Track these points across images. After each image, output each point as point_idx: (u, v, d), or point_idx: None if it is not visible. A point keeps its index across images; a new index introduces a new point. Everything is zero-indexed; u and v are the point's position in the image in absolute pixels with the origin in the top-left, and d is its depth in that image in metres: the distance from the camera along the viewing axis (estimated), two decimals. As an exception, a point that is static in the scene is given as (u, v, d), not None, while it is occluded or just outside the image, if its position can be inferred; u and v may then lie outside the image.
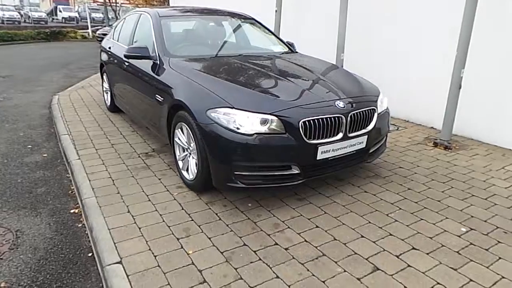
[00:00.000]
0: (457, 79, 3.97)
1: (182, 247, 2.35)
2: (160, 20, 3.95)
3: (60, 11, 37.50)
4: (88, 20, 26.97)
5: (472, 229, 2.62)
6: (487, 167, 3.67)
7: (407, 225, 2.64)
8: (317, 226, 2.61)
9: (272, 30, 5.16)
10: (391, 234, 2.53)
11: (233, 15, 4.74)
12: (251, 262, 2.23)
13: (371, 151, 3.18)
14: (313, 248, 2.37)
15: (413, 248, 2.38)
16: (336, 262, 2.23)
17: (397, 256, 2.30)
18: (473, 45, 3.87)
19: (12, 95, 7.20)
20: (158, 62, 3.56)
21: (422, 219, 2.73)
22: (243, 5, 6.78)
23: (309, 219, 2.71)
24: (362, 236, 2.51)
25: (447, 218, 2.75)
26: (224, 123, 2.63)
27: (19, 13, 34.44)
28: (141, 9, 4.99)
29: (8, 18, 30.96)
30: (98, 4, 33.87)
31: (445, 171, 3.57)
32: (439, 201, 3.00)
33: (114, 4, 28.07)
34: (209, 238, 2.45)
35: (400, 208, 2.87)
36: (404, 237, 2.50)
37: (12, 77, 9.30)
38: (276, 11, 6.46)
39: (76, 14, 37.10)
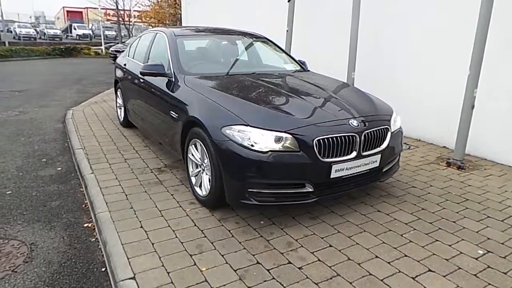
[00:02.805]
0: (470, 98, 3.97)
1: (195, 264, 2.35)
2: (175, 39, 4.05)
3: (75, 29, 38.68)
4: (102, 37, 27.70)
5: (489, 251, 2.57)
6: (502, 188, 3.63)
7: (422, 246, 2.60)
8: (330, 245, 2.59)
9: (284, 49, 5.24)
10: (406, 255, 2.49)
11: (245, 34, 4.84)
12: (265, 281, 2.21)
13: (384, 170, 3.17)
14: (327, 267, 2.35)
15: (429, 270, 2.34)
16: (351, 283, 2.20)
17: (413, 278, 2.26)
18: (486, 63, 3.88)
19: (28, 109, 7.36)
20: (173, 79, 3.64)
21: (437, 240, 2.69)
22: (254, 25, 6.93)
23: (322, 238, 2.68)
24: (377, 257, 2.47)
25: (463, 239, 2.71)
26: (239, 140, 2.65)
27: (35, 30, 35.54)
28: (157, 28, 5.13)
29: (24, 34, 31.97)
30: (111, 22, 34.80)
31: (459, 192, 3.53)
32: (454, 222, 2.96)
33: (127, 23, 28.80)
34: (222, 255, 2.44)
35: (415, 229, 2.84)
36: (420, 259, 2.46)
37: (28, 91, 9.53)
38: (287, 30, 6.57)
39: (90, 32, 38.21)
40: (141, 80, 4.33)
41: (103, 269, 2.48)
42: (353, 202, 3.24)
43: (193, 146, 3.16)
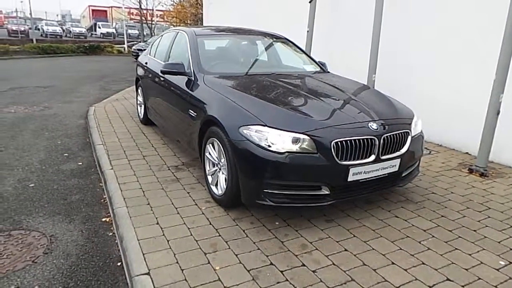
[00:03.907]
0: (495, 104, 3.84)
1: (209, 262, 2.36)
2: (196, 39, 4.09)
3: (99, 27, 39.51)
4: (125, 36, 28.25)
5: (511, 262, 2.48)
6: (527, 198, 3.50)
7: (440, 254, 2.54)
8: (345, 250, 2.56)
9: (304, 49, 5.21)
10: (423, 263, 2.44)
11: (265, 34, 4.84)
12: (278, 283, 2.19)
13: (403, 174, 3.11)
14: (341, 272, 2.31)
15: (448, 279, 2.28)
16: (365, 288, 2.17)
17: (430, 287, 2.20)
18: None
19: (52, 105, 7.58)
20: (193, 78, 3.67)
21: (457, 249, 2.61)
22: (275, 25, 6.93)
23: (337, 241, 2.65)
24: (393, 263, 2.42)
25: (484, 249, 2.62)
26: (256, 140, 2.65)
27: (61, 28, 36.55)
28: (178, 28, 5.19)
29: (51, 32, 32.89)
30: (134, 22, 35.44)
31: (481, 199, 3.42)
32: (475, 230, 2.87)
33: (150, 22, 29.28)
34: (236, 255, 2.45)
35: (433, 236, 2.77)
36: (438, 267, 2.40)
37: (53, 87, 9.81)
38: (308, 31, 6.53)
39: (114, 30, 38.94)
40: (161, 79, 4.39)
41: (119, 264, 2.52)
42: (370, 207, 3.18)
43: (210, 145, 3.18)
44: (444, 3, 4.77)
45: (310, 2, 6.46)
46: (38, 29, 35.23)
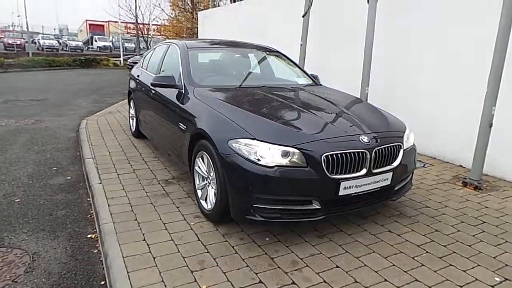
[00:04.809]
0: (487, 117, 3.83)
1: (195, 281, 2.27)
2: (187, 51, 4.07)
3: (96, 41, 39.70)
4: (121, 49, 28.40)
5: (507, 279, 2.42)
6: (522, 211, 3.45)
7: (434, 271, 2.47)
8: (337, 266, 2.48)
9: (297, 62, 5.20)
10: (417, 280, 2.37)
11: (258, 47, 4.84)
12: (267, 302, 2.12)
13: (396, 188, 3.05)
14: (332, 290, 2.24)
15: (442, 297, 2.21)
16: (357, 308, 2.09)
17: (424, 305, 2.13)
18: (506, 79, 3.75)
19: (44, 118, 7.51)
20: (183, 91, 3.63)
21: (451, 265, 2.54)
22: (268, 38, 6.95)
23: (329, 257, 2.58)
24: (386, 280, 2.35)
25: (478, 265, 2.56)
26: (245, 154, 2.60)
27: (58, 41, 36.66)
28: (170, 40, 5.19)
29: (47, 46, 33.01)
30: (130, 35, 35.66)
31: (475, 213, 3.37)
32: (469, 245, 2.81)
33: (146, 35, 29.48)
34: (224, 273, 2.36)
35: (427, 251, 2.70)
36: (432, 284, 2.33)
37: (46, 100, 9.76)
38: (301, 44, 6.56)
39: (110, 44, 39.13)
40: (153, 91, 4.35)
41: (103, 283, 2.43)
42: (363, 221, 3.12)
43: (200, 158, 3.12)
44: (445, 17, 4.79)
45: (303, 16, 6.50)
46: (35, 43, 35.32)
